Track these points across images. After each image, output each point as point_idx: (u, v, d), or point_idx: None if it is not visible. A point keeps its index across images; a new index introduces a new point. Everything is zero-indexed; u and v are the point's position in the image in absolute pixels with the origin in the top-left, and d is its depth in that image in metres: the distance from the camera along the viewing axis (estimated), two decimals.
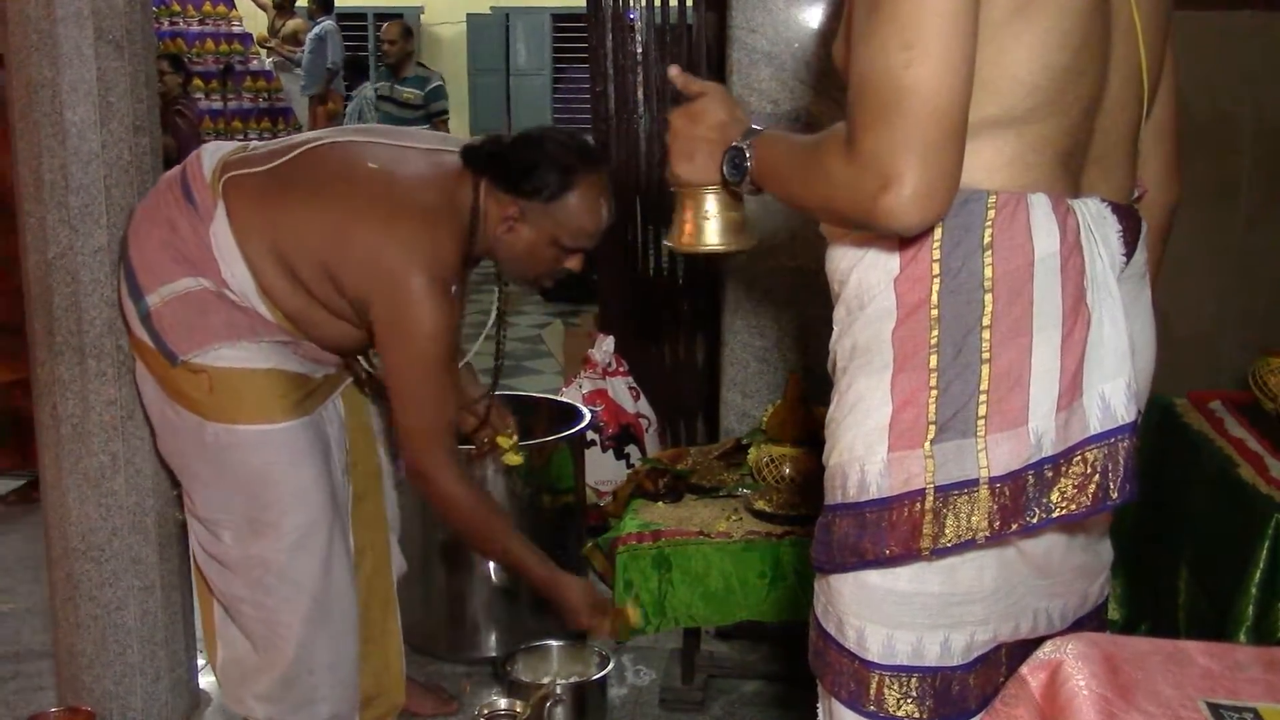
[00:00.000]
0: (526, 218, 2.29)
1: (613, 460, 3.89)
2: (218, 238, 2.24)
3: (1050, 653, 1.37)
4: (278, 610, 2.37)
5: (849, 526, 1.35)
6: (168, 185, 2.35)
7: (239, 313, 2.26)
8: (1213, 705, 1.26)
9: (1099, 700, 1.25)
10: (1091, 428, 1.28)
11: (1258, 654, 1.39)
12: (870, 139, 1.19)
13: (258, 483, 2.31)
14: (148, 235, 2.30)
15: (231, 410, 2.28)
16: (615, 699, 2.91)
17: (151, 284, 2.27)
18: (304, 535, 2.35)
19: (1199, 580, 2.36)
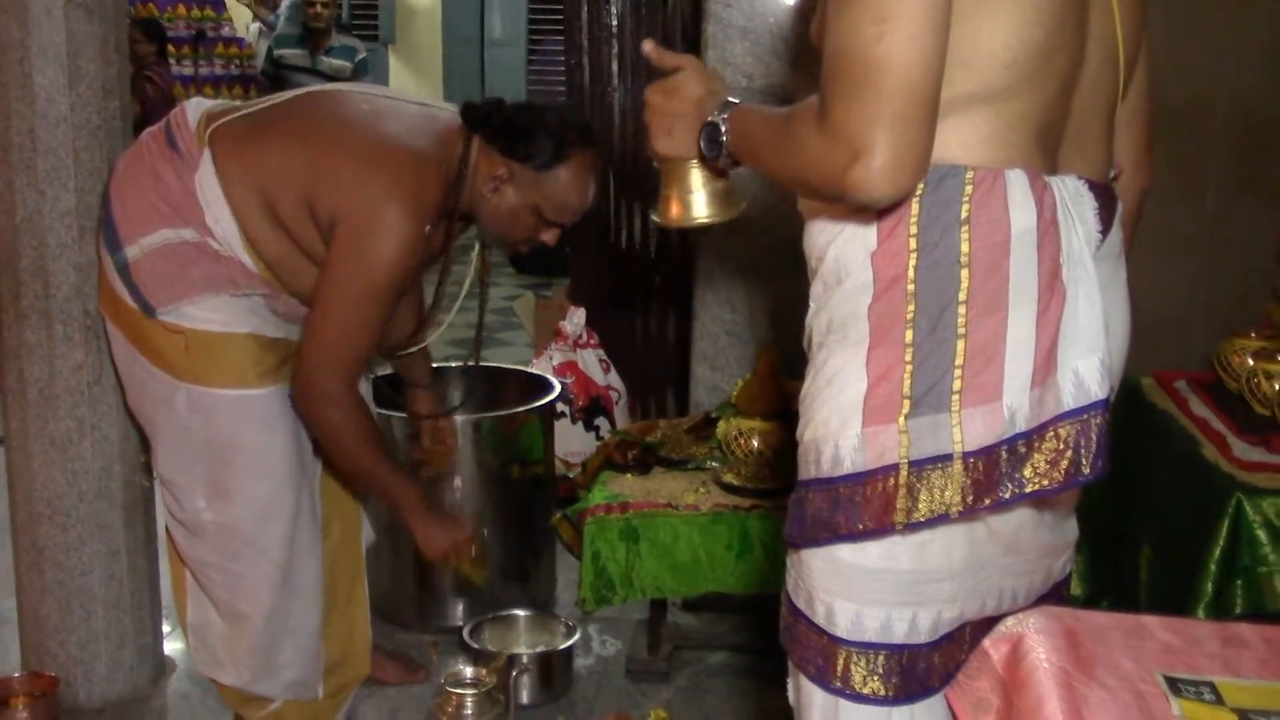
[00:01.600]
0: (514, 180, 2.29)
1: (582, 432, 3.89)
2: (203, 184, 2.22)
3: (1012, 626, 1.38)
4: (244, 577, 2.37)
5: (822, 501, 1.36)
6: (151, 137, 2.33)
7: (220, 264, 2.24)
8: (1170, 679, 1.28)
9: (1059, 673, 1.26)
10: (1065, 404, 1.29)
11: (1216, 629, 1.41)
12: (841, 111, 1.19)
13: (227, 448, 2.30)
14: (130, 186, 2.28)
15: (205, 373, 2.26)
16: (581, 669, 2.93)
17: (131, 235, 2.25)
18: (271, 503, 2.34)
19: (1160, 557, 2.39)
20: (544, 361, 3.96)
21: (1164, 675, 1.28)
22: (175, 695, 2.81)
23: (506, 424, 3.15)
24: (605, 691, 2.85)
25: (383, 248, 2.16)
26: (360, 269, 2.16)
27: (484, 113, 2.30)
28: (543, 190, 2.29)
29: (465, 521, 2.56)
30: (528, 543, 3.21)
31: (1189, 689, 1.26)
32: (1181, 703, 1.23)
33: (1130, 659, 1.32)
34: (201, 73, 9.15)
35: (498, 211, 2.32)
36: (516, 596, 3.14)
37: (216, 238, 2.23)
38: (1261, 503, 2.11)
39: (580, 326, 4.01)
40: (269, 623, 2.39)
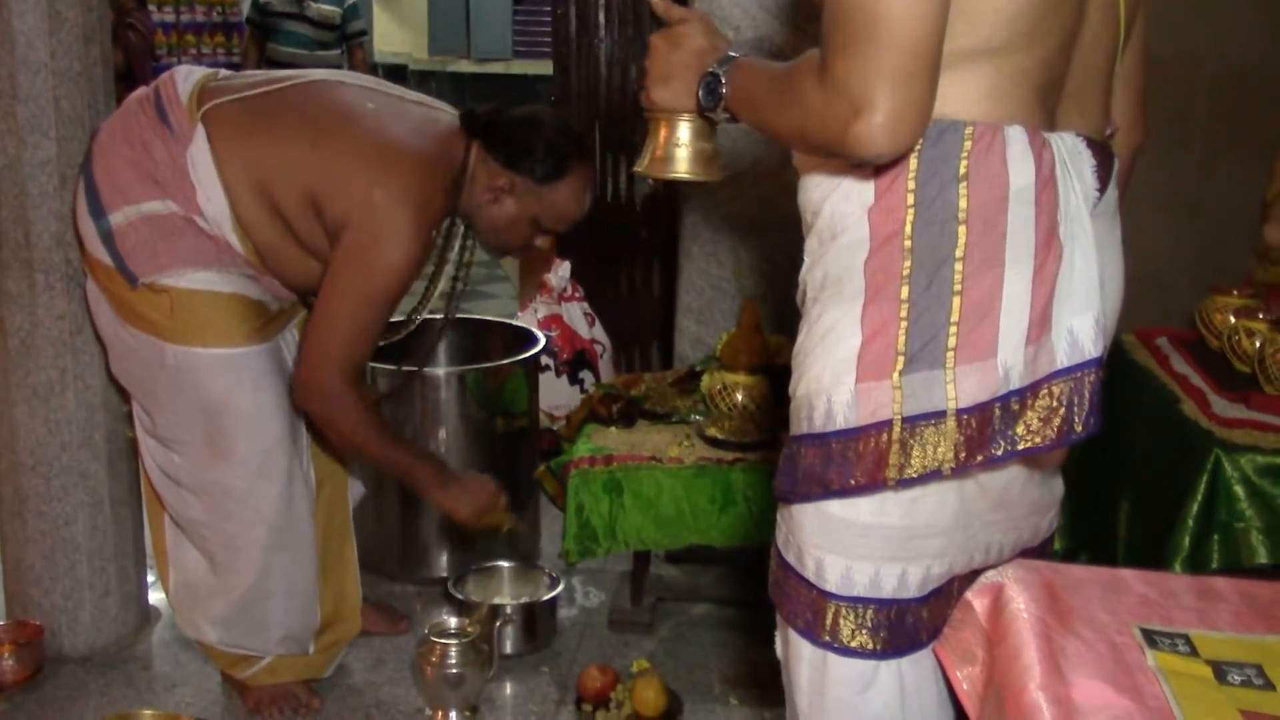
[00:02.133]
0: (514, 191, 2.33)
1: (567, 385, 3.90)
2: (196, 162, 2.21)
3: (993, 578, 1.40)
4: (238, 535, 2.38)
5: (814, 457, 1.36)
6: (139, 105, 2.31)
7: (207, 240, 2.24)
8: (1146, 631, 1.29)
9: (1038, 623, 1.28)
10: (1059, 361, 1.29)
11: (1191, 583, 1.43)
12: (843, 65, 1.18)
13: (218, 407, 2.30)
14: (115, 153, 2.26)
15: (192, 333, 2.26)
16: (565, 620, 2.95)
17: (116, 202, 2.23)
18: (264, 461, 2.35)
19: (1139, 512, 2.41)
20: (529, 314, 3.96)
21: (1140, 627, 1.30)
22: (160, 644, 2.82)
23: (491, 377, 3.15)
24: (588, 642, 2.87)
25: (391, 254, 2.19)
26: (368, 275, 2.20)
27: (484, 121, 2.32)
28: (543, 202, 2.34)
29: (487, 478, 2.59)
30: (512, 495, 3.20)
31: (1164, 641, 1.28)
32: (1156, 654, 1.25)
33: (1107, 611, 1.33)
34: (183, 20, 9.03)
35: (496, 220, 2.36)
36: (500, 548, 3.15)
37: (206, 216, 2.23)
38: (1240, 459, 2.13)
39: (565, 280, 4.01)
40: (260, 581, 2.40)
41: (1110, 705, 1.14)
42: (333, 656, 2.64)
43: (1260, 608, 1.37)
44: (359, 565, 3.17)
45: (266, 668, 2.52)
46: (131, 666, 2.72)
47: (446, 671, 2.52)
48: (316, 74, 2.40)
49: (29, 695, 2.58)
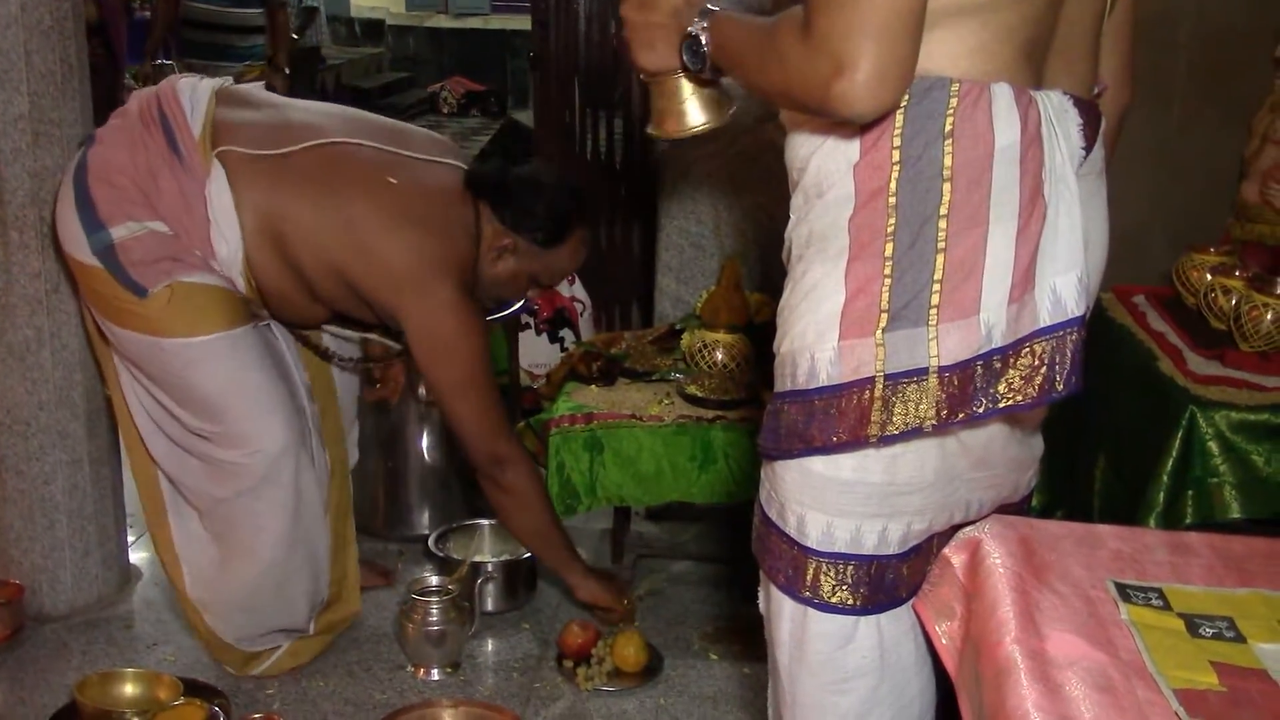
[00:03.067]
0: (517, 251, 2.40)
1: (547, 343, 3.89)
2: (214, 202, 2.20)
3: (970, 533, 1.41)
4: (262, 514, 2.38)
5: (797, 414, 1.36)
6: (143, 124, 2.26)
7: (212, 273, 2.26)
8: (1120, 585, 1.31)
9: (1014, 577, 1.29)
10: (1041, 320, 1.30)
11: (1165, 538, 1.44)
12: (825, 22, 1.18)
13: (231, 391, 2.29)
14: (119, 170, 2.22)
15: (188, 324, 2.24)
16: (545, 577, 2.96)
17: (118, 217, 2.20)
18: (286, 437, 2.35)
19: (1115, 468, 2.43)
20: None
21: (1114, 581, 1.32)
22: (141, 602, 2.82)
23: None
24: (568, 599, 2.89)
25: (463, 334, 2.30)
26: (458, 362, 2.31)
27: (490, 184, 2.38)
28: (545, 263, 2.44)
29: (623, 585, 2.73)
30: None
31: (1138, 595, 1.29)
32: (1130, 608, 1.26)
33: (1082, 566, 1.35)
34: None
35: (497, 277, 2.43)
36: (481, 506, 3.15)
37: (218, 256, 2.23)
38: (1214, 415, 2.15)
39: None
40: (284, 559, 2.42)
41: (1084, 658, 1.16)
42: (329, 640, 2.66)
43: (1232, 562, 1.39)
44: None
45: (288, 651, 2.55)
46: (113, 625, 2.72)
47: (428, 629, 2.53)
48: (332, 129, 2.35)
49: (10, 654, 2.58)
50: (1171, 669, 1.15)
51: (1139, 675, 1.14)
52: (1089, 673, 1.13)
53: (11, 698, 2.46)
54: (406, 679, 2.56)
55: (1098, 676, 1.13)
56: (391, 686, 2.53)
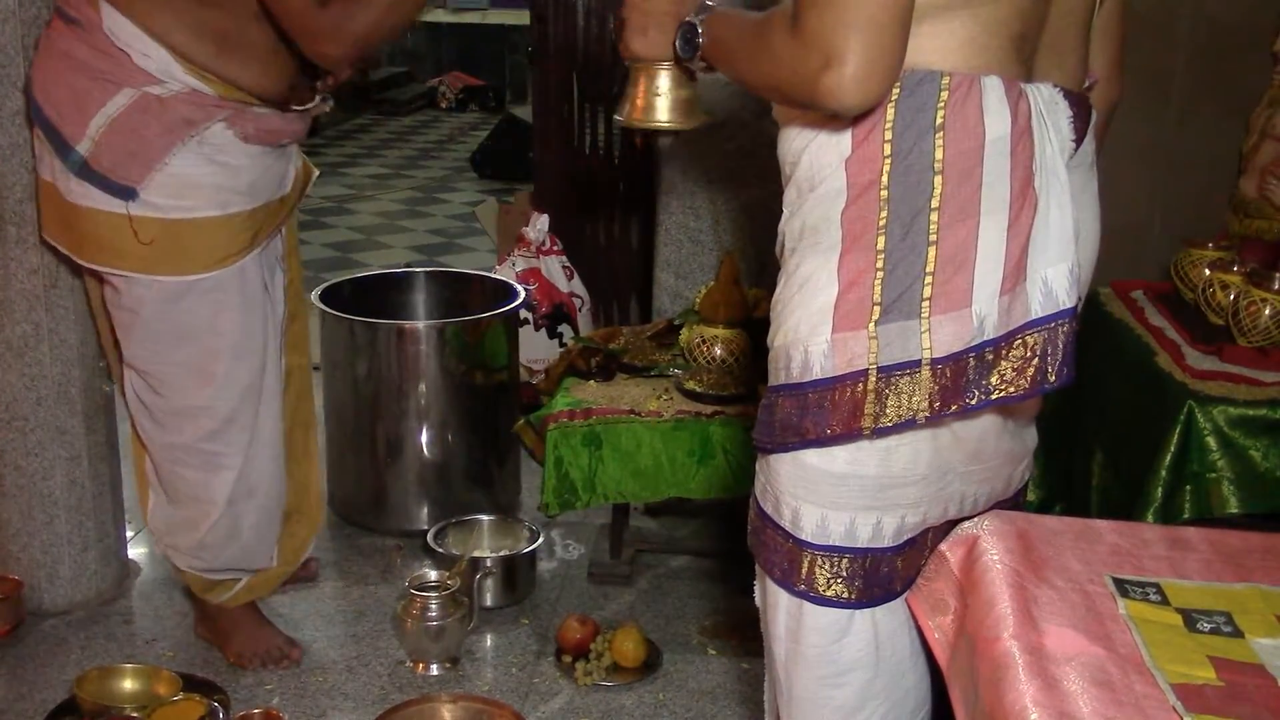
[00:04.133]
0: None
1: (545, 339, 3.90)
2: (115, 32, 2.16)
3: (968, 529, 1.41)
4: (220, 455, 2.40)
5: (791, 407, 1.37)
6: (48, 27, 2.28)
7: (169, 109, 2.19)
8: (1118, 580, 1.31)
9: (1011, 574, 1.29)
10: (1033, 311, 1.30)
11: (1163, 533, 1.45)
12: (814, 16, 1.18)
13: (206, 332, 2.31)
14: (52, 81, 2.22)
15: (178, 261, 2.25)
16: (544, 572, 2.97)
17: (77, 128, 2.19)
18: (251, 381, 2.38)
19: (1113, 463, 2.43)
20: (507, 268, 3.95)
21: (1112, 576, 1.32)
22: (139, 598, 2.83)
23: (470, 330, 3.14)
24: (567, 594, 2.89)
25: None
26: None
27: None
28: None
29: None
30: (491, 448, 3.23)
31: (1135, 590, 1.30)
32: (1128, 603, 1.26)
33: (1080, 561, 1.35)
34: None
35: None
36: (480, 500, 3.16)
37: (155, 75, 2.18)
38: (1212, 410, 2.15)
39: (543, 233, 3.99)
40: (240, 496, 2.44)
41: (1082, 653, 1.16)
42: (301, 552, 2.69)
43: (1230, 557, 1.39)
44: (338, 517, 3.19)
45: (245, 586, 2.57)
46: (112, 621, 2.73)
47: (427, 624, 2.53)
48: None
49: (9, 650, 2.58)
50: (1169, 664, 1.15)
51: (1137, 670, 1.14)
52: (1087, 667, 1.14)
53: (10, 693, 2.46)
54: (405, 674, 2.56)
55: (1096, 671, 1.13)
56: (390, 681, 2.53)
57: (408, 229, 6.87)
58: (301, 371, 2.65)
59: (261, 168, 2.32)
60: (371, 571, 2.98)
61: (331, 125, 9.90)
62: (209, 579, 2.53)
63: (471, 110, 10.98)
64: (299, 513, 2.66)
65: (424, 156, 9.07)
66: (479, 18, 11.58)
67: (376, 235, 6.69)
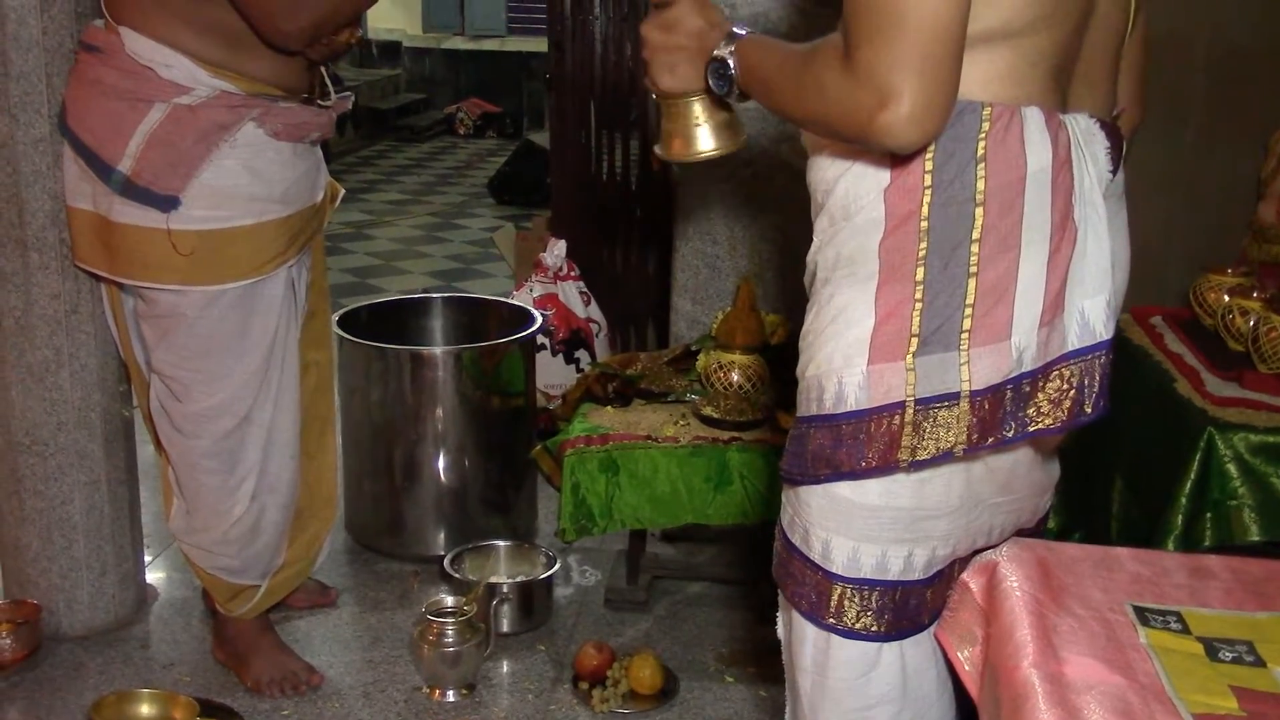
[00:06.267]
0: None
1: (563, 364, 3.90)
2: (137, 52, 2.21)
3: (987, 556, 1.41)
4: (238, 452, 2.43)
5: (824, 438, 1.35)
6: (76, 60, 2.35)
7: (200, 116, 2.23)
8: (1139, 608, 1.30)
9: (1031, 601, 1.29)
10: (1070, 344, 1.30)
11: (1184, 560, 1.44)
12: (869, 53, 1.17)
13: (233, 336, 2.35)
14: (86, 109, 2.28)
15: (216, 271, 2.29)
16: (561, 598, 2.96)
17: (117, 149, 2.24)
18: (268, 376, 2.41)
19: (1132, 490, 2.42)
20: (524, 293, 3.96)
21: (1132, 605, 1.31)
22: (157, 622, 2.83)
23: (487, 356, 3.15)
24: (584, 620, 2.88)
25: None
26: None
27: None
28: None
29: None
30: (508, 474, 3.23)
31: (1156, 618, 1.29)
32: (1149, 631, 1.26)
33: (1100, 589, 1.34)
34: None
35: None
36: (497, 526, 3.16)
37: (182, 84, 2.21)
38: (1233, 437, 2.13)
39: (561, 258, 4.00)
40: (257, 494, 2.47)
41: (1103, 682, 1.15)
42: (316, 552, 2.71)
43: (1251, 585, 1.38)
44: (355, 542, 3.20)
45: (266, 591, 2.58)
46: (129, 645, 2.73)
47: (444, 650, 2.53)
48: None
49: (27, 674, 2.59)
50: (1190, 693, 1.14)
51: (1158, 699, 1.13)
52: (1107, 697, 1.13)
53: (28, 717, 2.46)
54: (422, 700, 2.55)
55: (1116, 701, 1.12)
56: (407, 708, 2.53)
57: (426, 254, 6.90)
58: (320, 367, 2.67)
59: (294, 175, 2.37)
60: (388, 597, 2.98)
61: (351, 151, 9.98)
62: (232, 584, 2.54)
63: (489, 136, 11.04)
64: (311, 509, 2.68)
65: (442, 182, 9.11)
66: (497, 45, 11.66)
67: (395, 261, 6.72)
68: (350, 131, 10.06)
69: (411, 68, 11.60)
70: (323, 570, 2.90)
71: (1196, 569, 1.41)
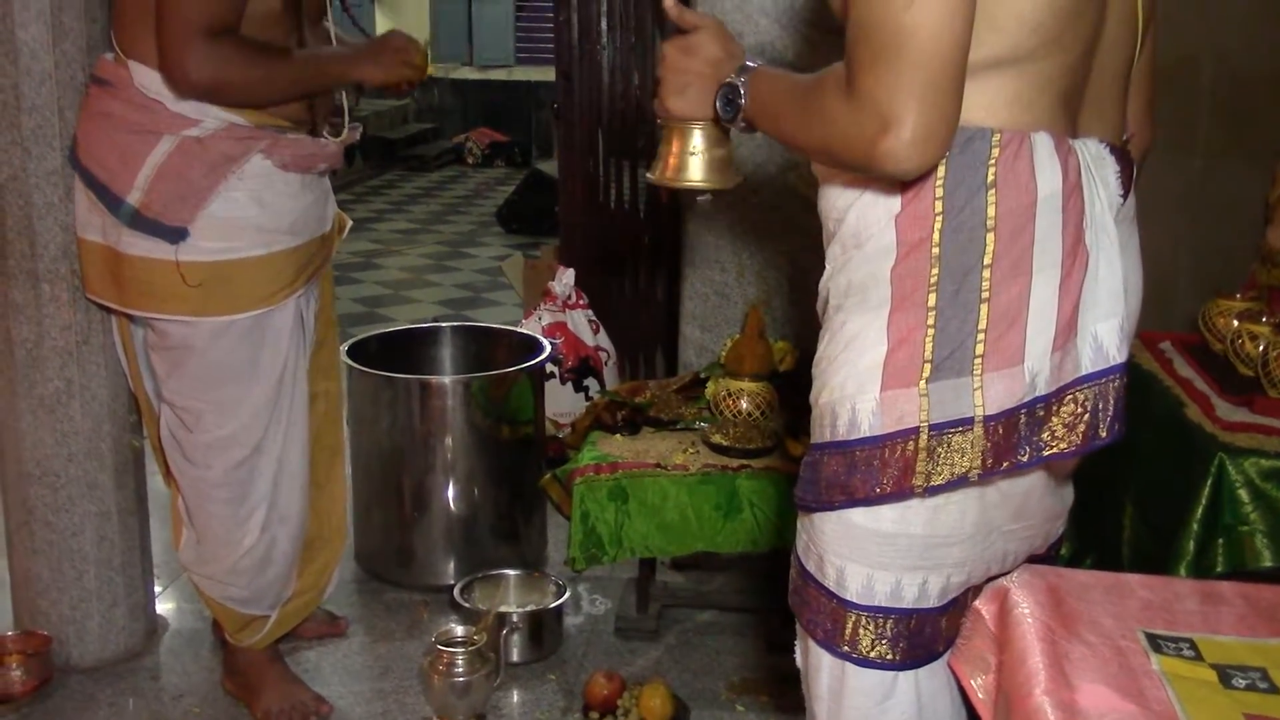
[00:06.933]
0: None
1: (572, 392, 3.90)
2: (146, 83, 2.22)
3: (999, 583, 1.40)
4: (248, 483, 2.43)
5: (838, 465, 1.35)
6: (86, 94, 2.37)
7: (208, 149, 2.23)
8: (1151, 635, 1.30)
9: (1043, 628, 1.28)
10: (1084, 368, 1.30)
11: (1195, 587, 1.43)
12: (870, 80, 1.18)
13: (243, 366, 2.36)
14: (96, 143, 2.29)
15: (225, 302, 2.30)
16: (571, 627, 2.95)
17: (126, 182, 2.25)
18: (279, 406, 2.42)
19: (1143, 516, 2.41)
20: (533, 322, 3.97)
21: (1145, 631, 1.31)
22: (167, 653, 2.83)
23: (496, 384, 3.15)
24: (594, 649, 2.88)
25: None
26: None
27: None
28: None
29: (395, 33, 2.45)
30: (517, 502, 3.23)
31: (1169, 645, 1.28)
32: (1161, 658, 1.25)
33: (1111, 615, 1.34)
34: None
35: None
36: (507, 556, 3.16)
37: (190, 117, 2.22)
38: (1244, 463, 2.13)
39: (569, 287, 4.01)
40: (267, 525, 2.47)
41: (1115, 710, 1.15)
42: (325, 582, 2.71)
43: (1264, 611, 1.37)
44: (364, 571, 3.19)
45: (276, 621, 2.58)
46: (139, 676, 2.73)
47: (453, 680, 2.52)
48: None
49: (37, 706, 2.59)
50: None
51: None
52: None
53: None
54: None
55: None
56: None
57: (435, 284, 6.92)
58: (329, 397, 2.68)
59: (303, 205, 2.38)
60: (397, 627, 2.98)
61: (359, 181, 10.02)
62: (242, 615, 2.54)
63: (498, 165, 11.09)
64: (321, 539, 2.68)
65: (451, 212, 9.15)
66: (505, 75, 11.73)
67: (404, 290, 6.74)
68: (359, 161, 10.12)
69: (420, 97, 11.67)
70: (332, 600, 2.90)
71: (1209, 595, 1.40)
